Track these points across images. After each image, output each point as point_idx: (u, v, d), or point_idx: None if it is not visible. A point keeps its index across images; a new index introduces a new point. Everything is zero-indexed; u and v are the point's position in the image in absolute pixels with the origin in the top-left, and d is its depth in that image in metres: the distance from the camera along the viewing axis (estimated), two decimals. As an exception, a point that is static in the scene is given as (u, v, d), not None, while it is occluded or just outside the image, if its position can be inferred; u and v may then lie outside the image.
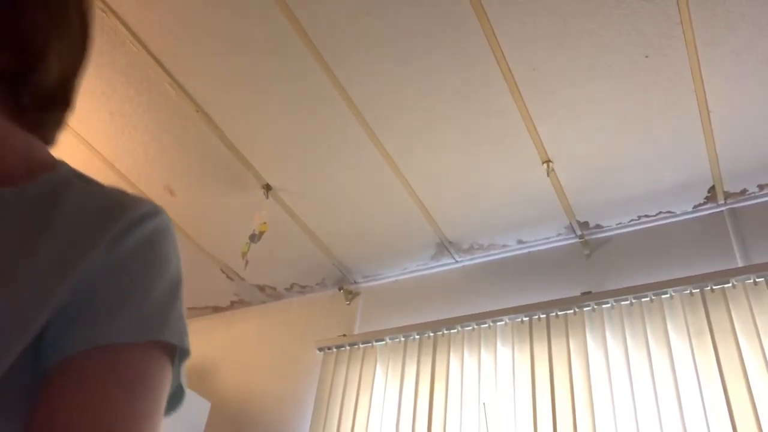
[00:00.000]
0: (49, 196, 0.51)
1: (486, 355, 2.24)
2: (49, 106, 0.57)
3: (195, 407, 2.51)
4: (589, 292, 2.20)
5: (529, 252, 2.50)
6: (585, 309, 2.16)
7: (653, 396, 1.89)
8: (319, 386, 2.52)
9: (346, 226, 2.52)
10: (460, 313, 2.43)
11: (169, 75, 2.01)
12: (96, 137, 2.26)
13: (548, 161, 2.11)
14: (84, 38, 0.60)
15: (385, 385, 2.36)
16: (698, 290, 2.02)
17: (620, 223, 2.35)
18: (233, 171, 2.33)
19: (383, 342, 2.48)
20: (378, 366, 2.44)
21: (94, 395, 0.45)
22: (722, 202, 2.20)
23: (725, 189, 2.16)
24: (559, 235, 2.43)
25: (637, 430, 1.86)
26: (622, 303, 2.11)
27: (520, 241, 2.48)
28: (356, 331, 2.67)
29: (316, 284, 2.88)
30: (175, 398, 0.53)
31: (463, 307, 2.47)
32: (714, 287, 1.99)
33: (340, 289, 2.84)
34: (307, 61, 1.90)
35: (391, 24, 1.77)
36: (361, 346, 2.52)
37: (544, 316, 2.21)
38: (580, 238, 2.40)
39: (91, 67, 2.01)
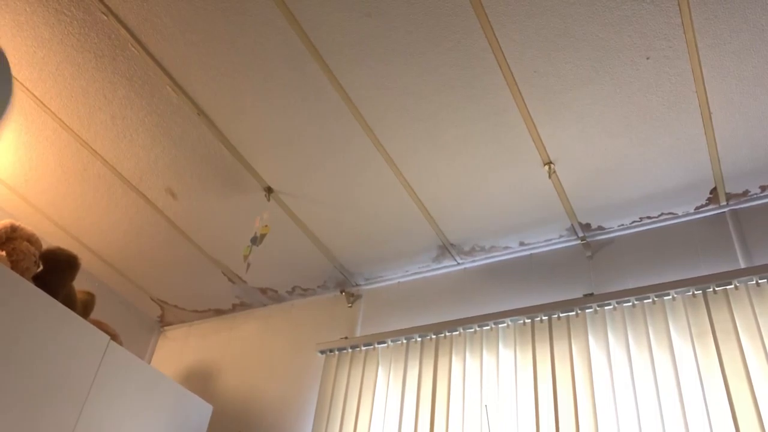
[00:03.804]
0: None
1: (488, 357, 2.24)
2: None
3: (196, 410, 2.51)
4: (591, 294, 2.20)
5: (530, 254, 2.50)
6: (587, 311, 2.16)
7: (656, 397, 1.89)
8: (321, 389, 2.51)
9: (348, 228, 2.52)
10: (462, 315, 2.43)
11: (170, 78, 2.01)
12: (97, 140, 2.26)
13: (550, 163, 2.11)
14: None
15: (387, 388, 2.36)
16: (700, 292, 2.02)
17: (622, 225, 2.35)
18: (234, 174, 2.33)
19: (385, 344, 2.48)
20: (380, 368, 2.44)
21: None
22: (724, 203, 2.20)
23: (727, 190, 2.16)
24: (560, 236, 2.43)
25: (640, 431, 1.86)
26: (624, 305, 2.11)
27: (521, 243, 2.48)
28: (358, 334, 2.67)
29: (318, 287, 2.88)
30: None
31: (465, 309, 2.47)
32: (716, 288, 1.99)
33: (341, 292, 2.85)
34: (308, 64, 1.90)
35: (391, 26, 1.77)
36: (362, 348, 2.52)
37: (546, 318, 2.21)
38: (581, 240, 2.40)
39: (92, 70, 2.01)
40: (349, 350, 2.55)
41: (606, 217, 2.32)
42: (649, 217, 2.30)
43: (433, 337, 2.38)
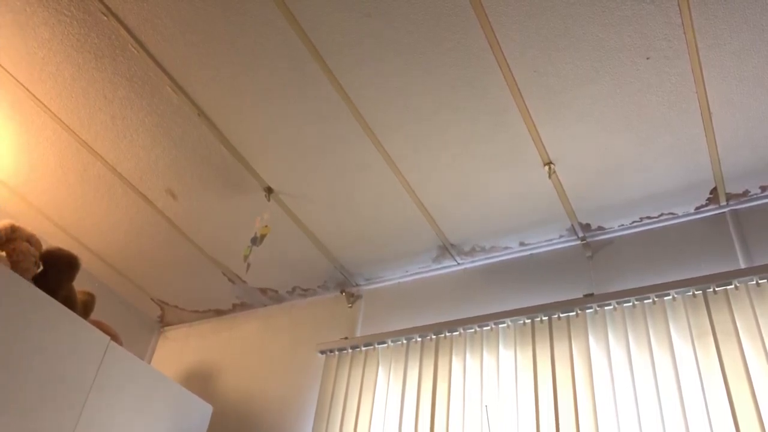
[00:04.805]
0: None
1: (488, 357, 2.24)
2: None
3: (196, 411, 2.51)
4: (591, 294, 2.20)
5: (531, 254, 2.50)
6: (587, 311, 2.16)
7: (656, 397, 1.89)
8: (321, 389, 2.51)
9: (348, 228, 2.52)
10: (462, 316, 2.43)
11: (171, 78, 2.01)
12: (97, 140, 2.26)
13: (550, 163, 2.11)
14: None
15: (387, 388, 2.36)
16: (700, 292, 2.01)
17: (622, 225, 2.34)
18: (235, 174, 2.33)
19: (385, 344, 2.47)
20: (380, 369, 2.44)
21: None
22: (724, 203, 2.20)
23: (727, 190, 2.16)
24: (561, 237, 2.43)
25: (640, 431, 1.86)
26: (624, 305, 2.11)
27: (522, 243, 2.48)
28: (358, 334, 2.67)
29: (318, 287, 2.88)
30: None
31: (465, 310, 2.47)
32: (716, 289, 1.99)
33: (341, 292, 2.84)
34: (308, 64, 1.90)
35: (391, 26, 1.77)
36: (363, 348, 2.52)
37: (546, 318, 2.21)
38: (581, 240, 2.40)
39: (92, 71, 2.01)
40: (349, 350, 2.55)
41: (606, 217, 2.32)
42: (649, 217, 2.30)
43: (433, 337, 2.38)
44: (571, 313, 2.17)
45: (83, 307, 2.33)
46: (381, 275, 2.76)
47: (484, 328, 2.30)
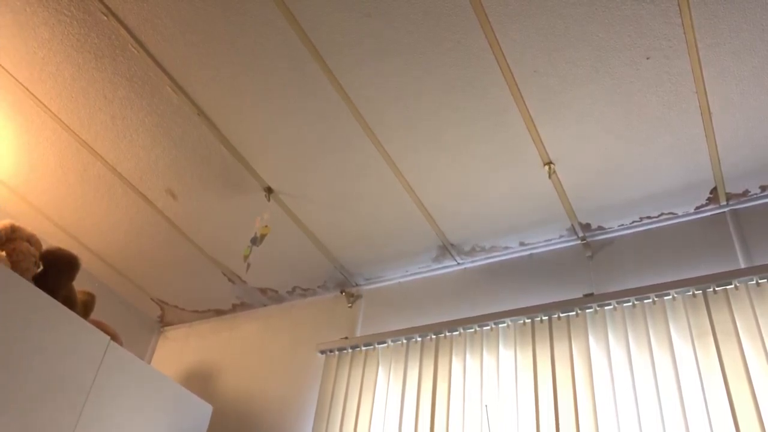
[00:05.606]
0: None
1: (488, 357, 2.24)
2: None
3: (196, 411, 2.51)
4: (591, 294, 2.20)
5: (531, 254, 2.50)
6: (587, 311, 2.16)
7: (656, 397, 1.89)
8: (321, 389, 2.51)
9: (348, 228, 2.52)
10: (462, 315, 2.43)
11: (171, 78, 2.01)
12: (97, 140, 2.26)
13: (550, 163, 2.11)
14: None
15: (387, 388, 2.36)
16: (700, 292, 2.01)
17: (622, 225, 2.35)
18: (235, 174, 2.33)
19: (385, 344, 2.47)
20: (380, 369, 2.44)
21: None
22: (724, 203, 2.20)
23: (727, 190, 2.16)
24: (561, 237, 2.43)
25: (640, 431, 1.86)
26: (624, 305, 2.11)
27: (522, 243, 2.48)
28: (358, 334, 2.67)
29: (318, 287, 2.88)
30: None
31: (465, 309, 2.47)
32: (716, 288, 1.99)
33: (341, 292, 2.84)
34: (308, 64, 1.90)
35: (391, 26, 1.77)
36: (362, 348, 2.52)
37: (546, 318, 2.21)
38: (581, 240, 2.40)
39: (92, 71, 2.01)
40: (349, 350, 2.55)
41: (606, 217, 2.32)
42: (649, 217, 2.30)
43: (433, 337, 2.38)
44: (571, 313, 2.17)
45: (83, 307, 2.33)
46: (381, 275, 2.76)
47: (484, 328, 2.31)
